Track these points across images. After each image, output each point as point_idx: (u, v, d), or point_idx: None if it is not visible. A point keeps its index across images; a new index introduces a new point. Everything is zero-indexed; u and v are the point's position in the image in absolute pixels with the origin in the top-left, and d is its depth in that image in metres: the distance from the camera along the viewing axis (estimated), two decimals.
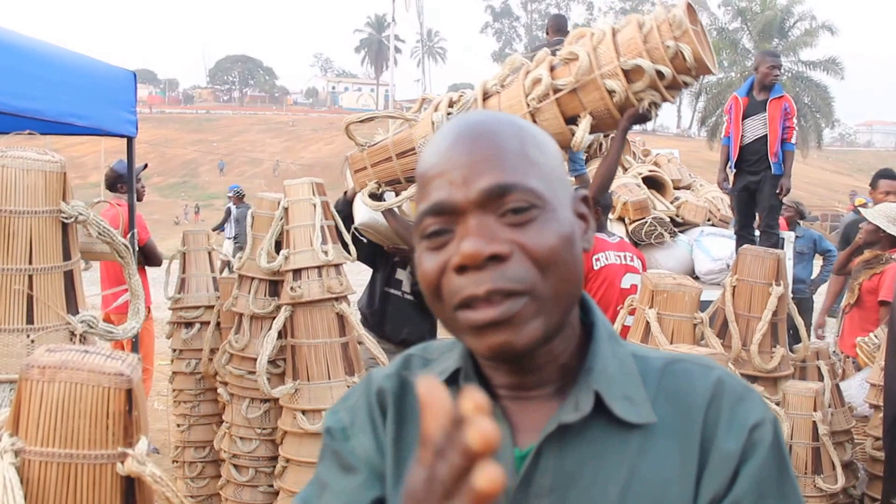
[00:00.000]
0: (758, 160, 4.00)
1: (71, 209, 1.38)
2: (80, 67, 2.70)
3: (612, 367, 0.53)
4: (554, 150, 0.54)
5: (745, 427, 0.51)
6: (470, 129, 0.51)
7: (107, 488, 0.82)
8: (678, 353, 0.57)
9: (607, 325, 0.56)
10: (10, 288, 1.34)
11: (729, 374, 0.55)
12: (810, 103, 23.44)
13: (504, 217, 0.49)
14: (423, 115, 2.34)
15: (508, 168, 0.49)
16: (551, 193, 0.50)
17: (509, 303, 0.47)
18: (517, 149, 0.50)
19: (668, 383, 0.54)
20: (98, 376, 0.80)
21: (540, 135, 0.54)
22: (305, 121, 46.02)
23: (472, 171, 0.49)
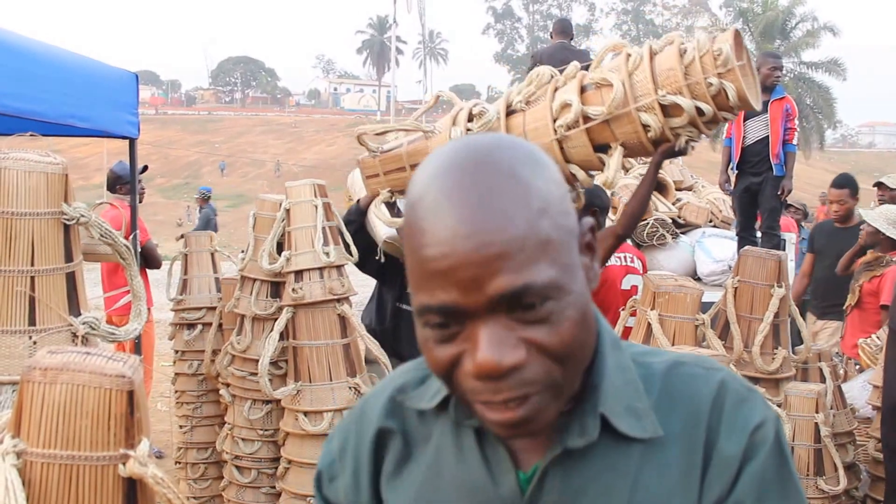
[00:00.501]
0: (759, 161, 4.00)
1: (73, 211, 1.38)
2: (81, 69, 2.71)
3: (617, 380, 0.53)
4: (560, 193, 0.48)
5: (746, 429, 0.51)
6: (474, 203, 0.44)
7: (108, 490, 0.82)
8: (680, 355, 0.56)
9: (610, 331, 0.55)
10: (12, 289, 1.34)
11: (732, 375, 0.54)
12: (812, 104, 23.40)
13: (516, 314, 0.45)
14: (441, 128, 2.18)
15: (522, 264, 0.44)
16: (565, 273, 0.46)
17: (527, 404, 0.46)
18: (528, 230, 0.45)
19: (670, 388, 0.53)
20: (100, 378, 0.81)
21: (542, 178, 0.47)
22: (307, 122, 46.09)
23: (482, 273, 0.44)
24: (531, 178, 0.47)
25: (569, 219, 0.48)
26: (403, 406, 0.57)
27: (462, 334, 0.46)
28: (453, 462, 0.54)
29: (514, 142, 0.49)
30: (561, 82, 1.95)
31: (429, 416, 0.56)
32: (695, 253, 3.78)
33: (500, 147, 0.48)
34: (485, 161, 0.46)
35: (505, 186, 0.45)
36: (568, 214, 0.48)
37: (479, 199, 0.45)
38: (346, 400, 2.16)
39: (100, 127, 2.81)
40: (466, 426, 0.54)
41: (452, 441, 0.54)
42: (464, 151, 0.47)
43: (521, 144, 0.49)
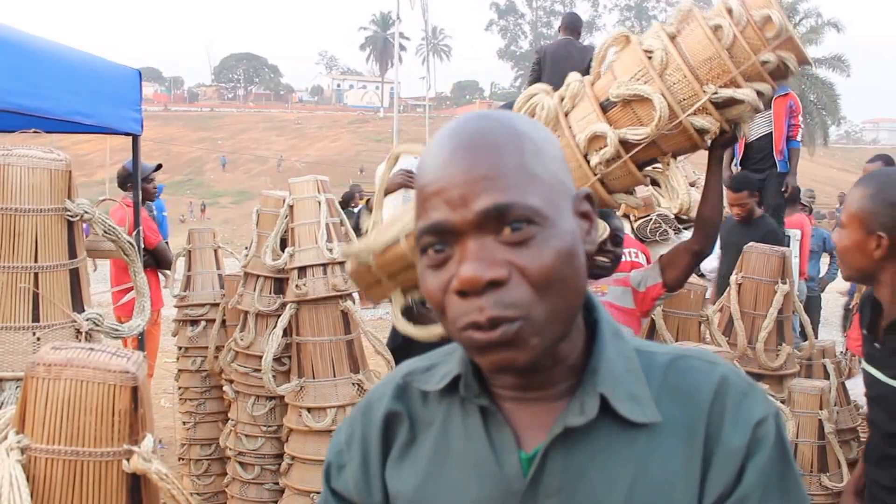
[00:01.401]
0: (762, 158, 3.98)
1: (76, 207, 1.38)
2: (84, 65, 2.71)
3: (617, 366, 0.54)
4: (554, 152, 0.53)
5: (749, 423, 0.51)
6: (468, 141, 0.50)
7: (112, 485, 0.82)
8: (682, 349, 0.57)
9: (611, 322, 0.56)
10: (15, 286, 1.34)
11: (733, 370, 0.55)
12: (816, 101, 23.28)
13: (502, 236, 0.48)
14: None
15: (507, 186, 0.48)
16: (551, 207, 0.49)
17: (506, 326, 0.48)
18: (516, 163, 0.49)
19: (672, 380, 0.54)
20: (104, 374, 0.81)
21: (540, 138, 0.52)
22: (310, 118, 46.09)
23: (469, 191, 0.48)
24: (529, 131, 0.52)
25: (562, 175, 0.52)
26: (410, 390, 0.59)
27: (453, 258, 0.49)
28: (459, 442, 0.55)
29: (525, 116, 0.54)
30: (568, 105, 1.58)
31: (434, 400, 0.58)
32: None
33: (507, 113, 0.53)
34: (488, 117, 0.52)
35: (501, 132, 0.50)
36: (561, 173, 0.52)
37: (475, 138, 0.50)
38: (349, 396, 2.16)
39: (103, 123, 2.81)
40: (473, 403, 0.55)
41: (459, 421, 0.55)
42: (465, 121, 0.52)
43: (525, 116, 0.55)
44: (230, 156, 35.21)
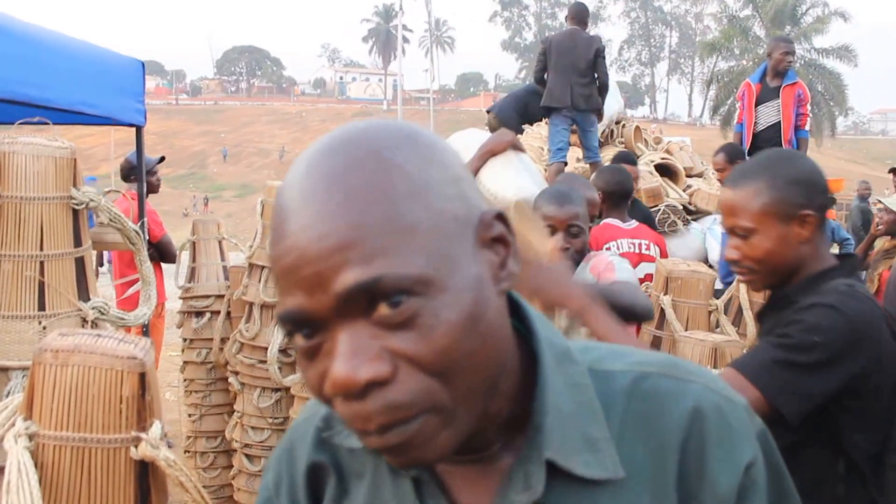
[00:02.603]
0: (771, 147, 3.95)
1: (81, 195, 1.37)
2: (88, 56, 2.70)
3: (567, 405, 0.44)
4: (441, 175, 0.40)
5: (738, 466, 0.43)
6: (318, 190, 0.38)
7: (120, 472, 0.81)
8: (648, 361, 0.46)
9: (554, 340, 0.46)
10: (21, 274, 1.34)
11: (708, 386, 0.45)
12: (823, 91, 23.10)
13: (377, 316, 0.37)
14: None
15: (372, 252, 0.37)
16: (439, 262, 0.38)
17: (401, 427, 0.38)
18: (383, 215, 0.37)
19: (635, 409, 0.45)
20: (111, 360, 0.80)
21: (419, 162, 0.39)
22: (313, 111, 46.04)
23: (324, 267, 0.37)
24: (402, 158, 0.39)
25: (455, 205, 0.40)
26: (338, 449, 0.50)
27: (324, 349, 0.39)
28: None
29: (398, 123, 0.41)
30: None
31: (360, 451, 0.49)
32: (706, 240, 3.75)
33: (375, 127, 0.41)
34: (348, 141, 0.40)
35: (362, 168, 0.38)
36: (455, 200, 0.40)
37: (328, 182, 0.38)
38: None
39: (107, 114, 2.80)
40: (403, 476, 0.46)
41: (389, 483, 0.47)
42: (334, 134, 0.41)
43: (405, 126, 0.41)
44: (233, 149, 35.23)
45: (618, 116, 4.59)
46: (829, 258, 1.06)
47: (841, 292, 0.99)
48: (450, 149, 0.42)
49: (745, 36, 25.29)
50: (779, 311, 1.04)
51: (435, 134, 0.43)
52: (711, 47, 26.18)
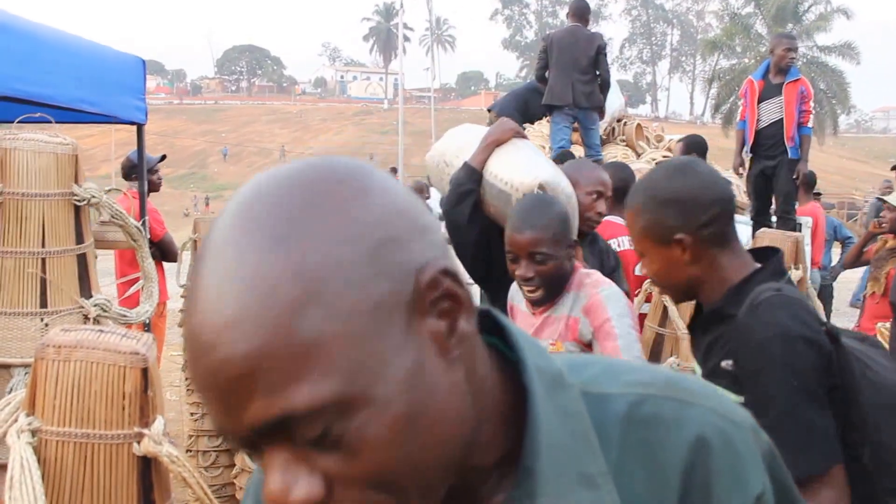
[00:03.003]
0: (774, 144, 3.93)
1: (83, 191, 1.37)
2: (88, 53, 2.69)
3: (560, 437, 0.40)
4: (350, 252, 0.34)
5: (748, 499, 0.41)
6: (213, 291, 0.33)
7: (123, 468, 0.81)
8: (646, 385, 0.43)
9: (543, 366, 0.42)
10: (23, 271, 1.33)
11: (711, 413, 0.42)
12: (826, 89, 23.05)
13: (300, 442, 0.34)
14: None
15: (274, 381, 0.32)
16: (354, 375, 0.33)
17: None
18: (280, 333, 0.32)
19: (634, 438, 0.41)
20: (114, 355, 0.79)
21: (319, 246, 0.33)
22: (314, 110, 46.04)
23: (227, 398, 0.33)
24: (304, 239, 0.33)
25: (373, 289, 0.34)
26: None
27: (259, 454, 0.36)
28: None
29: (309, 176, 0.35)
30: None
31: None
32: None
33: (287, 186, 0.35)
34: (251, 219, 0.34)
35: (256, 268, 0.32)
36: (373, 281, 0.34)
37: (220, 292, 0.33)
38: None
39: (108, 112, 2.79)
40: None
41: None
42: (245, 195, 0.36)
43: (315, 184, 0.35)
44: (234, 149, 35.24)
45: (619, 114, 4.58)
46: (748, 263, 1.00)
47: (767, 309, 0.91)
48: (376, 194, 0.35)
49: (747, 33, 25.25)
50: (714, 325, 0.99)
51: (361, 173, 0.36)
52: (713, 45, 26.14)
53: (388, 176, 0.38)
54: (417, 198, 0.39)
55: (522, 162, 1.59)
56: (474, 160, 1.63)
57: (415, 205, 0.37)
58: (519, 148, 1.65)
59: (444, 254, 0.38)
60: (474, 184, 1.61)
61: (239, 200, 0.36)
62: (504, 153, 1.63)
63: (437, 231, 0.38)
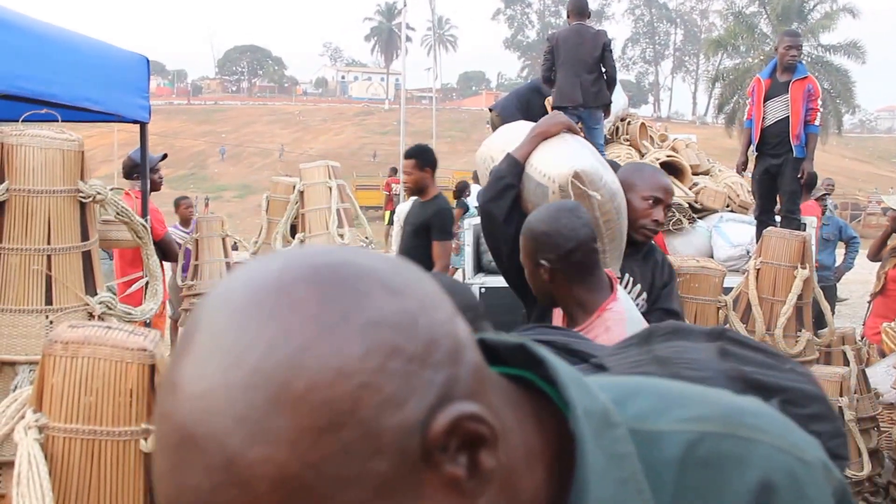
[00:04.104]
0: (779, 143, 3.91)
1: (89, 188, 1.36)
2: (92, 52, 2.69)
3: (609, 487, 0.36)
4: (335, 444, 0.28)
5: None
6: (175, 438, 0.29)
7: (130, 465, 0.80)
8: (702, 420, 0.39)
9: (590, 404, 0.38)
10: (28, 268, 1.33)
11: (776, 451, 0.38)
12: (830, 88, 22.97)
13: None
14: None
15: None
16: None
17: None
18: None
19: (690, 482, 0.37)
20: (121, 352, 0.79)
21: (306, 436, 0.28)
22: (315, 111, 46.04)
23: None
24: (281, 430, 0.27)
25: (371, 471, 0.29)
26: None
27: None
28: None
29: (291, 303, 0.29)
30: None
31: None
32: (712, 238, 3.73)
33: (250, 332, 0.29)
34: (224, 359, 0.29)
35: (214, 482, 0.28)
36: (368, 466, 0.29)
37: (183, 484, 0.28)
38: None
39: (112, 110, 2.79)
40: None
41: None
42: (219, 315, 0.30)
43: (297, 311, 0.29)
44: (234, 149, 35.27)
45: (623, 113, 4.57)
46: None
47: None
48: (358, 339, 0.29)
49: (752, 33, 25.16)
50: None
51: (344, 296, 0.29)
52: (717, 45, 26.05)
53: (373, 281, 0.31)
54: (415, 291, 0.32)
55: (563, 152, 1.50)
56: (518, 152, 1.54)
57: (410, 317, 0.31)
58: (566, 141, 1.54)
59: (455, 372, 0.31)
60: (515, 178, 1.52)
61: (195, 348, 0.30)
62: (548, 145, 1.53)
63: (446, 332, 0.32)
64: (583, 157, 1.49)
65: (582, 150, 1.53)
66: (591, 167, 1.47)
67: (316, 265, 0.30)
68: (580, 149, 1.53)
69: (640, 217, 1.59)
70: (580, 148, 1.54)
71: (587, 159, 1.49)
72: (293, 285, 0.29)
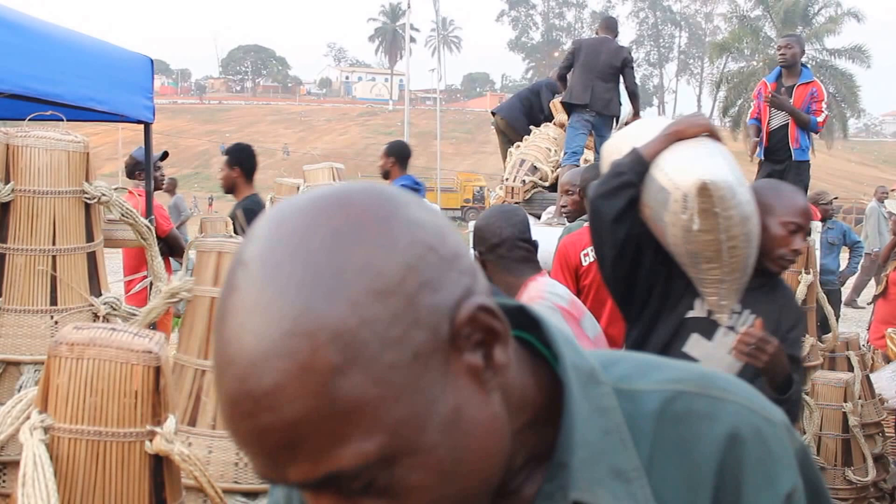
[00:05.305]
0: (780, 149, 3.93)
1: (94, 189, 1.37)
2: (97, 52, 2.70)
3: (593, 432, 0.41)
4: (382, 309, 0.33)
5: (778, 497, 0.41)
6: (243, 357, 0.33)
7: (135, 466, 0.81)
8: (678, 381, 0.43)
9: (578, 362, 0.42)
10: (33, 269, 1.33)
11: (744, 410, 0.42)
12: (835, 93, 22.90)
13: (347, 491, 0.35)
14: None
15: (317, 447, 0.33)
16: (397, 429, 0.33)
17: None
18: (320, 400, 0.32)
19: (666, 434, 0.42)
20: (126, 353, 0.79)
21: (350, 307, 0.32)
22: (319, 111, 46.14)
23: (272, 458, 0.34)
24: (337, 298, 0.32)
25: (411, 339, 0.33)
26: None
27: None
28: None
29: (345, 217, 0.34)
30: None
31: None
32: None
33: (314, 230, 0.34)
34: (279, 268, 0.33)
35: (291, 333, 0.32)
36: (409, 333, 0.33)
37: (254, 357, 0.32)
38: None
39: (116, 110, 2.80)
40: None
41: None
42: (270, 234, 0.34)
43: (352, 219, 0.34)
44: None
45: (628, 119, 4.58)
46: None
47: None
48: (406, 232, 0.34)
49: (756, 36, 25.12)
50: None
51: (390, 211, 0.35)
52: (721, 48, 26.03)
53: (410, 199, 0.37)
54: (441, 216, 0.38)
55: (696, 158, 1.28)
56: (645, 148, 1.33)
57: (441, 230, 0.36)
58: (704, 145, 1.32)
59: (475, 281, 0.37)
60: (636, 175, 1.31)
61: (260, 242, 0.35)
62: (681, 147, 1.31)
63: (466, 253, 0.38)
64: (717, 168, 1.25)
65: (719, 159, 1.29)
66: (724, 181, 1.23)
67: (363, 186, 0.37)
68: (717, 157, 1.29)
69: (778, 246, 1.33)
70: (717, 156, 1.30)
71: (722, 170, 1.25)
72: (348, 194, 0.36)
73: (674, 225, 1.26)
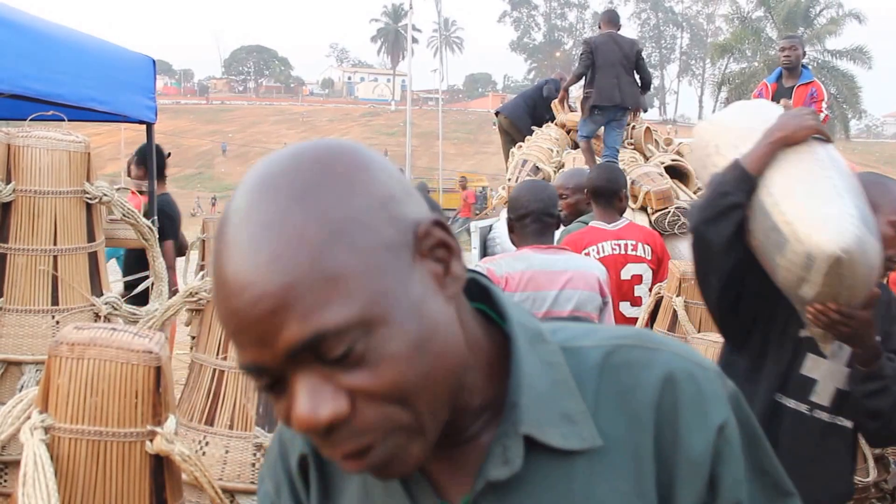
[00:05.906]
0: None
1: (95, 189, 1.37)
2: (99, 52, 2.71)
3: (542, 383, 0.45)
4: (370, 202, 0.40)
5: (710, 429, 0.45)
6: (247, 241, 0.39)
7: (136, 466, 0.81)
8: (618, 334, 0.48)
9: (527, 324, 0.47)
10: (35, 269, 1.34)
11: (678, 354, 0.47)
12: (837, 94, 22.86)
13: (327, 359, 0.39)
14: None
15: (306, 307, 0.38)
16: (376, 298, 0.39)
17: (373, 453, 0.40)
18: (309, 266, 0.38)
19: (608, 382, 0.46)
20: (127, 353, 0.79)
21: (346, 195, 0.40)
22: (321, 111, 46.19)
23: (263, 329, 0.38)
24: (321, 201, 0.39)
25: (383, 233, 0.40)
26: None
27: (287, 388, 0.41)
28: (381, 495, 0.48)
29: (315, 151, 0.41)
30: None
31: None
32: None
33: (291, 164, 0.41)
34: (272, 184, 0.40)
35: (283, 221, 0.39)
36: (382, 227, 0.40)
37: (252, 240, 0.39)
38: None
39: (119, 110, 2.81)
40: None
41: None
42: (261, 169, 0.42)
43: (323, 154, 0.41)
44: (240, 149, 35.40)
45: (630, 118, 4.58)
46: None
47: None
48: (375, 164, 0.42)
49: (757, 37, 25.09)
50: None
51: (359, 149, 0.43)
52: (723, 49, 26.01)
53: (377, 152, 0.44)
54: (400, 170, 0.45)
55: (819, 199, 1.08)
56: (750, 161, 1.14)
57: (401, 175, 0.44)
58: (817, 162, 1.13)
59: (431, 211, 0.44)
60: (744, 195, 1.13)
61: (254, 175, 0.41)
62: (794, 165, 1.13)
63: (420, 197, 0.45)
64: (851, 226, 1.04)
65: (847, 198, 1.09)
66: (857, 244, 1.03)
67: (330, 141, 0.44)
68: (845, 196, 1.09)
69: (887, 247, 1.15)
70: (844, 193, 1.10)
71: (855, 226, 1.04)
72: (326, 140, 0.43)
73: (788, 271, 1.08)
